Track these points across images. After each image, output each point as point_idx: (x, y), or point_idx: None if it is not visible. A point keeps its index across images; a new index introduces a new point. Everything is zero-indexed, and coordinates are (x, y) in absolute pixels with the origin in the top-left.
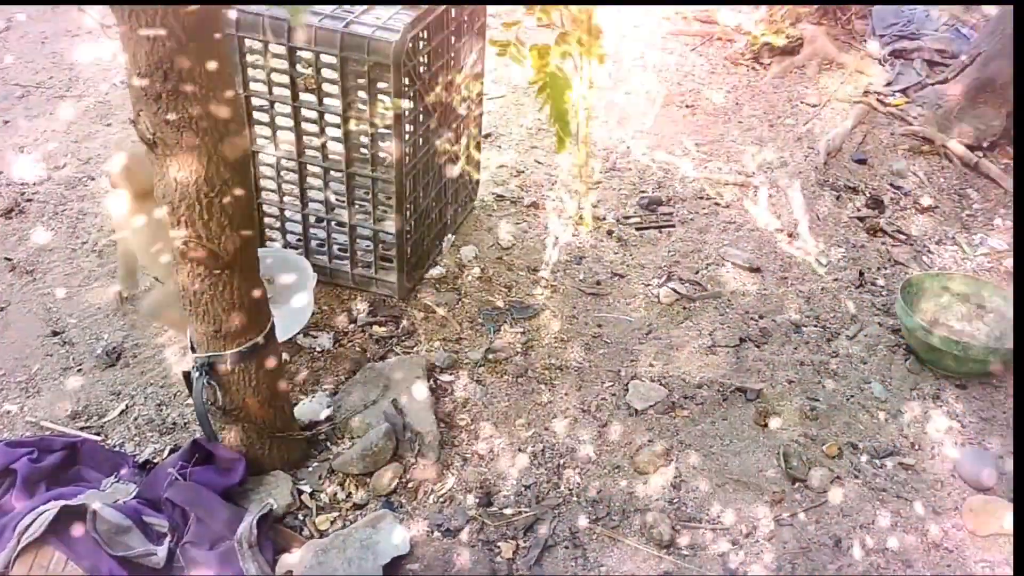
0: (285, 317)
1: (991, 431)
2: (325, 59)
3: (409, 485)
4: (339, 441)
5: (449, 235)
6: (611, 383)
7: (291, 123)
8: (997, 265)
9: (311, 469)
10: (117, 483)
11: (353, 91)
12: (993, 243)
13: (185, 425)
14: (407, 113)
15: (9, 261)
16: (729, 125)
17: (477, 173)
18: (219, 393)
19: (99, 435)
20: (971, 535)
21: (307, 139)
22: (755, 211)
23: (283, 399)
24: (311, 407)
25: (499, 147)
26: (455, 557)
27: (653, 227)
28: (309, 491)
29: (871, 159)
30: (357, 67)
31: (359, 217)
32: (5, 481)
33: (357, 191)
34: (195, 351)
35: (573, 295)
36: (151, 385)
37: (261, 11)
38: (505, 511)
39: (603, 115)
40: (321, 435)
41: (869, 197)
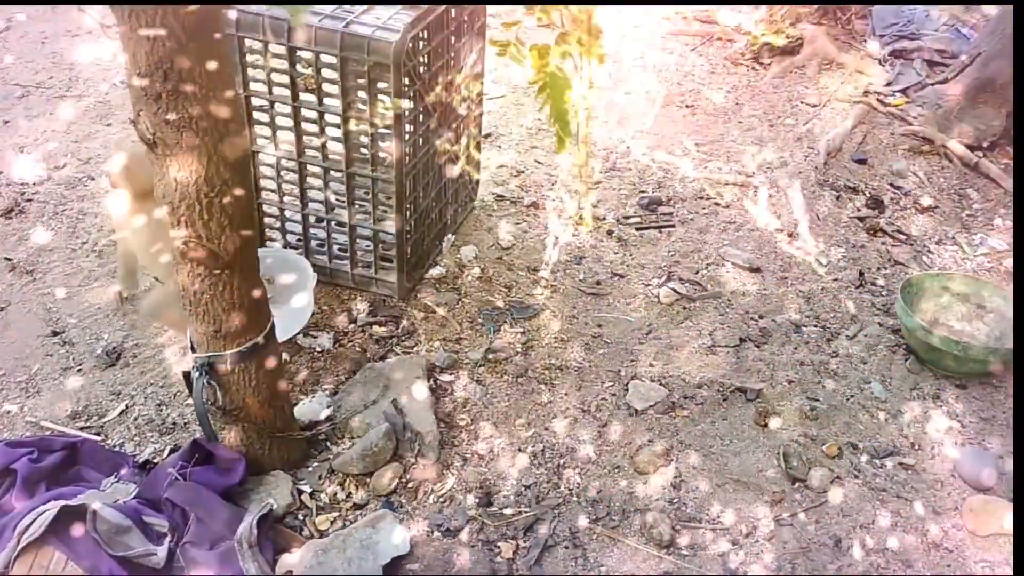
0: (285, 317)
1: (991, 431)
2: (325, 59)
3: (409, 485)
4: (339, 441)
5: (449, 235)
6: (611, 383)
7: (291, 123)
8: (997, 265)
9: (311, 469)
10: (117, 483)
11: (353, 91)
12: (993, 243)
13: (185, 425)
14: (407, 113)
15: (9, 261)
16: (729, 125)
17: (477, 173)
18: (219, 393)
19: (99, 435)
20: (971, 535)
21: (307, 139)
22: (755, 211)
23: (283, 399)
24: (311, 407)
25: (499, 147)
26: (455, 557)
27: (653, 227)
28: (309, 491)
29: (871, 159)
30: (357, 67)
31: (359, 217)
32: (5, 481)
33: (357, 191)
34: (195, 351)
35: (573, 295)
36: (151, 385)
37: (261, 11)
38: (505, 511)
39: (603, 115)
40: (321, 435)
41: (869, 197)
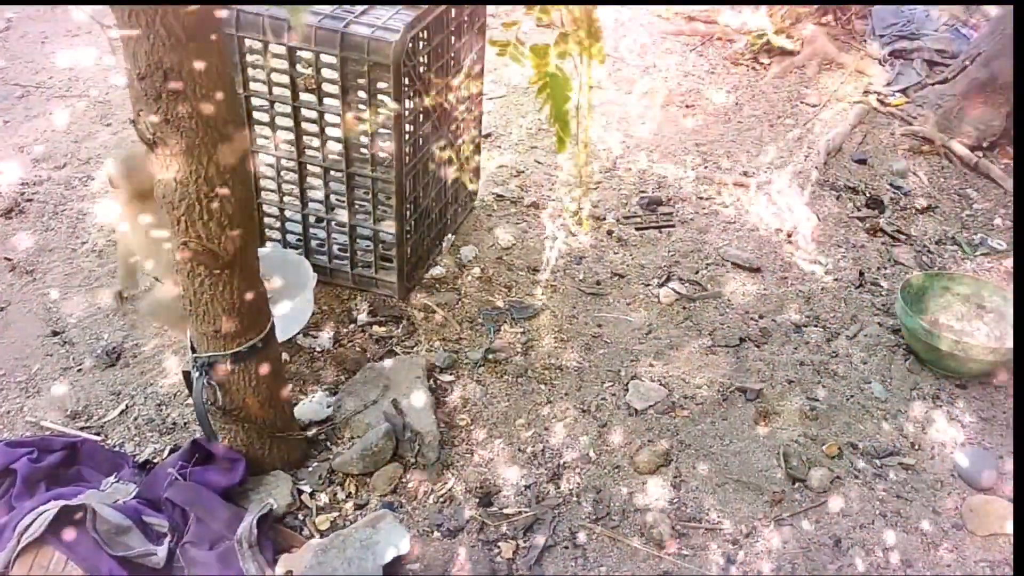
0: (285, 317)
1: (991, 431)
2: (325, 59)
3: (409, 485)
4: (339, 441)
5: (449, 235)
6: (611, 383)
7: (291, 123)
8: (997, 265)
9: (311, 469)
10: (117, 483)
11: (353, 91)
12: (993, 243)
13: (185, 425)
14: (407, 113)
15: (9, 261)
16: (729, 125)
17: (474, 183)
18: (219, 393)
19: (99, 435)
20: (971, 535)
21: (307, 139)
22: (755, 211)
23: (283, 399)
24: (311, 407)
25: (499, 147)
26: (455, 557)
27: (653, 227)
28: (309, 491)
29: (871, 159)
30: (357, 67)
31: (359, 217)
32: (5, 481)
33: (357, 191)
34: (195, 351)
35: (573, 295)
36: (151, 385)
37: (261, 11)
38: (505, 511)
39: (603, 115)
40: (321, 435)
41: (869, 197)
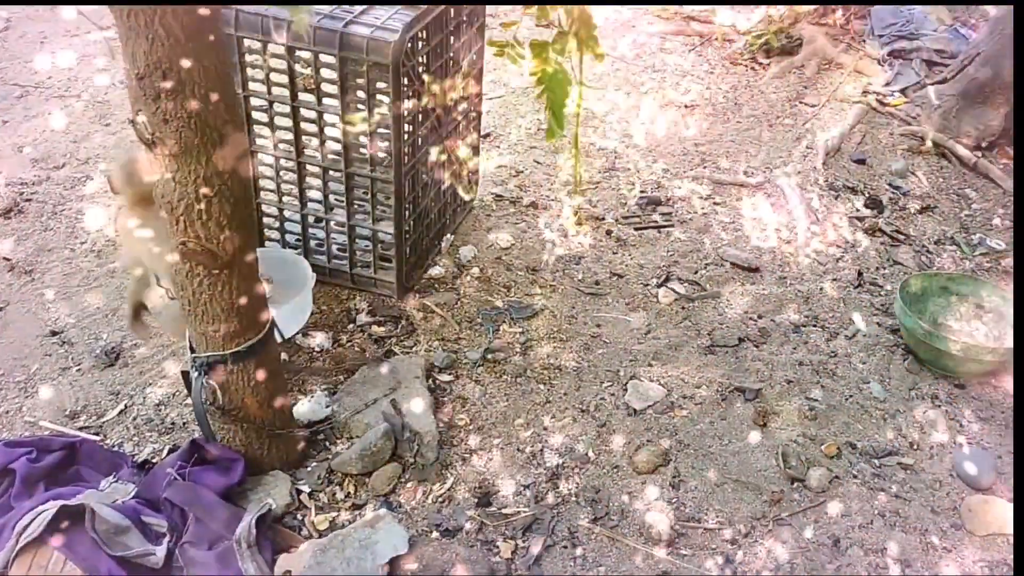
0: (284, 317)
1: (990, 431)
2: (324, 59)
3: (408, 485)
4: (338, 441)
5: (448, 235)
6: (610, 383)
7: (290, 123)
8: (996, 265)
9: (310, 469)
10: (116, 483)
11: (352, 91)
12: (992, 243)
13: (184, 425)
14: (406, 113)
15: (8, 261)
16: (728, 125)
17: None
18: (218, 393)
19: (98, 435)
20: (969, 535)
21: (306, 139)
22: (754, 211)
23: (282, 399)
24: (310, 407)
25: (498, 147)
26: (454, 557)
27: (652, 227)
28: (308, 491)
29: (870, 159)
30: (356, 67)
31: (358, 217)
32: (4, 481)
33: (356, 191)
34: (193, 351)
35: (572, 295)
36: (150, 385)
37: (260, 11)
38: (504, 511)
39: (602, 115)
40: (320, 435)
41: (868, 197)
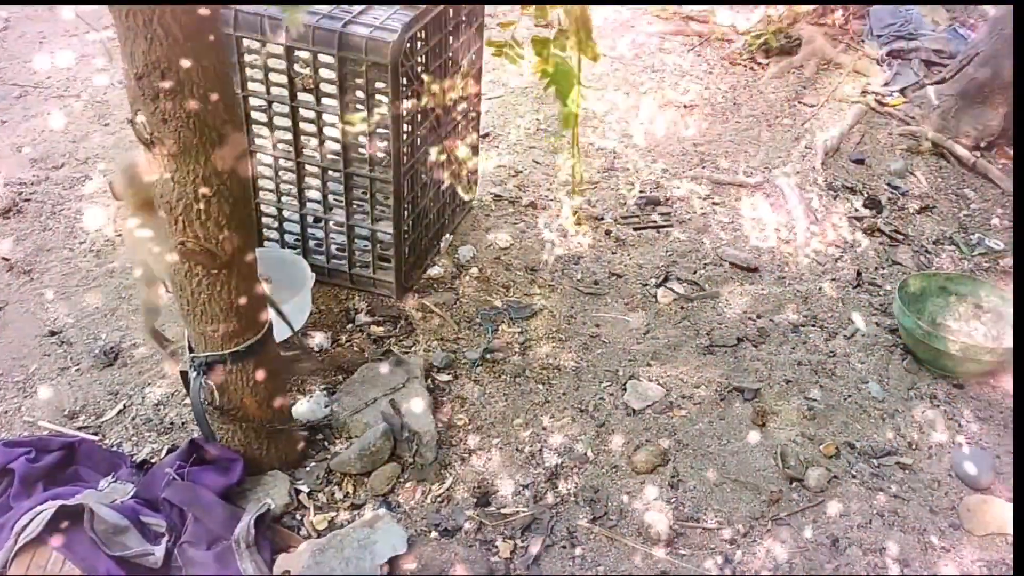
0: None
1: (988, 431)
2: (323, 59)
3: (407, 485)
4: (337, 441)
5: (447, 235)
6: (609, 383)
7: (289, 123)
8: (994, 265)
9: (309, 469)
10: (115, 483)
11: (351, 91)
12: (990, 243)
13: (183, 425)
14: (405, 113)
15: (7, 261)
16: (727, 125)
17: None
18: (216, 393)
19: (97, 435)
20: (968, 535)
21: (305, 139)
22: (753, 211)
23: (281, 399)
24: (309, 407)
25: (497, 147)
26: (453, 557)
27: (651, 227)
28: (307, 491)
29: (869, 159)
30: (355, 67)
31: (357, 217)
32: (3, 481)
33: (355, 191)
34: (192, 351)
35: (571, 295)
36: (149, 385)
37: (259, 11)
38: (503, 511)
39: (601, 115)
40: (319, 435)
41: (867, 197)
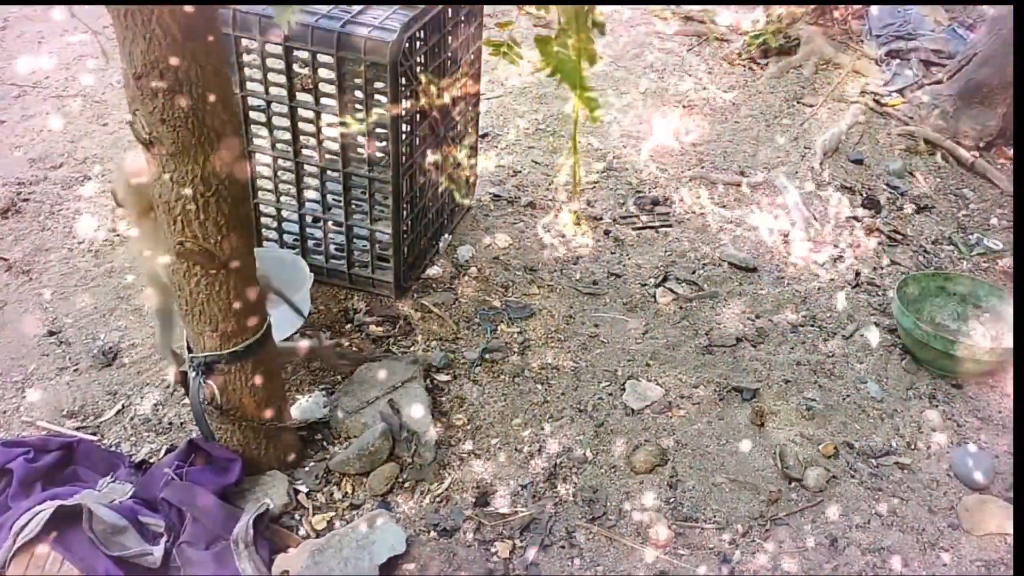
0: (281, 317)
1: (987, 431)
2: (322, 59)
3: (405, 485)
4: (336, 441)
5: (446, 235)
6: (608, 383)
7: (287, 123)
8: (993, 265)
9: (308, 469)
10: (113, 483)
11: (350, 91)
12: (989, 243)
13: (181, 425)
14: (403, 113)
15: (5, 261)
16: (726, 125)
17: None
18: (216, 393)
19: (95, 435)
20: (967, 535)
21: (303, 139)
22: (752, 211)
23: (280, 399)
24: (308, 407)
25: (496, 147)
26: (451, 557)
27: (650, 227)
28: (306, 491)
29: (867, 159)
30: (353, 67)
31: (355, 217)
32: (1, 481)
33: (354, 191)
34: (191, 351)
35: (570, 295)
36: (147, 385)
37: (258, 11)
38: (501, 511)
39: (600, 115)
40: (317, 435)
41: (866, 197)
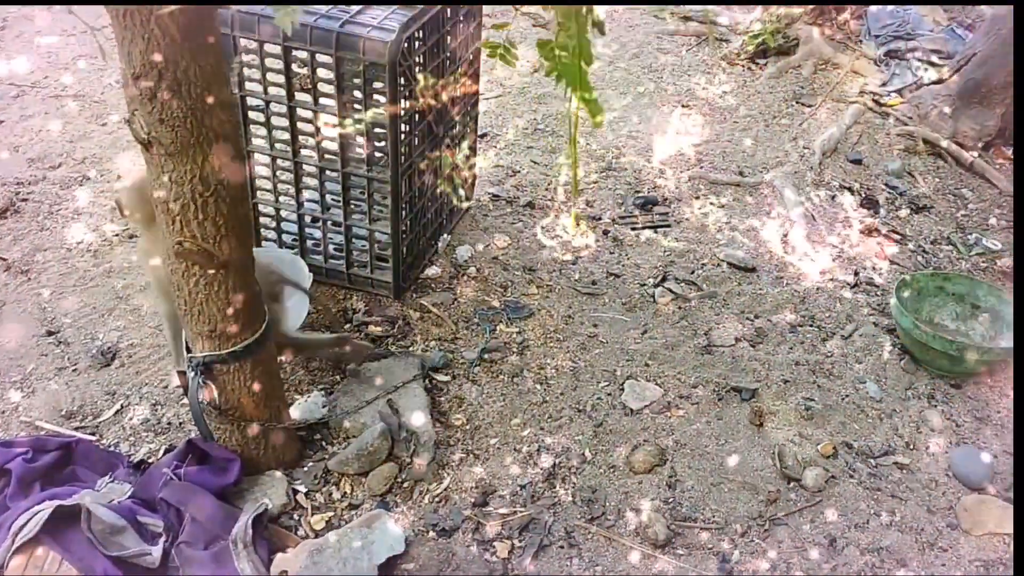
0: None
1: (985, 431)
2: (320, 59)
3: (404, 485)
4: (334, 441)
5: (445, 235)
6: (607, 383)
7: (286, 123)
8: (992, 265)
9: (306, 469)
10: (112, 483)
11: (348, 91)
12: (988, 243)
13: (180, 425)
14: (402, 113)
15: (4, 261)
16: (725, 125)
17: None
18: (215, 393)
19: (94, 435)
20: (965, 534)
21: (302, 139)
22: (750, 211)
23: (278, 399)
24: (307, 407)
25: (495, 147)
26: (450, 557)
27: (649, 227)
28: (304, 491)
29: (866, 159)
30: (352, 67)
31: (354, 217)
32: (0, 481)
33: (353, 191)
34: (190, 351)
35: (569, 295)
36: (146, 385)
37: (256, 11)
38: (500, 511)
39: (601, 120)
40: (316, 435)
41: (864, 197)
